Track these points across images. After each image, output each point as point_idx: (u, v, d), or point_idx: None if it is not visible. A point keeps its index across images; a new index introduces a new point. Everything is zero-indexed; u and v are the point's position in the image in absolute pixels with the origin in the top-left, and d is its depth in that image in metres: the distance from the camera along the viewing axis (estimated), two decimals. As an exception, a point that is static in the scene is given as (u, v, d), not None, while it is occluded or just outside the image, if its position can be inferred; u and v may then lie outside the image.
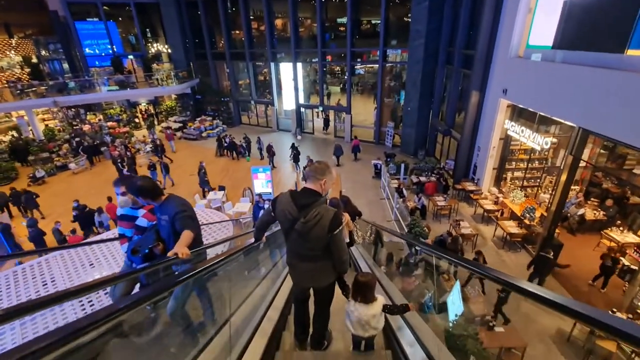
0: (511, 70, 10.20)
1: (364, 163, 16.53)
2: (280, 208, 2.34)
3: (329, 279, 2.49)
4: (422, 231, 8.87)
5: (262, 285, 3.62)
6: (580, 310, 1.05)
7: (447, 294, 4.42)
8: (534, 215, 9.57)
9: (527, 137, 9.42)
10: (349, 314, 2.54)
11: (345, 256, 2.37)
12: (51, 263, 5.82)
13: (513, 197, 10.70)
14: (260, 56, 22.18)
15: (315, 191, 2.27)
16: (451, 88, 14.46)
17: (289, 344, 2.97)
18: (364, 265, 5.19)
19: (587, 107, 7.11)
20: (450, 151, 14.97)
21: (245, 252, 3.02)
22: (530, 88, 9.22)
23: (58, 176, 16.23)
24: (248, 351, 2.37)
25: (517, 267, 9.03)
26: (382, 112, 19.07)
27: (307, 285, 2.63)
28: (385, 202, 12.67)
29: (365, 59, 19.76)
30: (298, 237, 2.29)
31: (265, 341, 2.59)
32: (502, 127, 11.18)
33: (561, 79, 7.92)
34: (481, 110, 12.00)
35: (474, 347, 4.62)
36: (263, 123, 23.83)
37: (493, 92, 11.15)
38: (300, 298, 2.76)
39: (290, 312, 3.48)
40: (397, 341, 2.64)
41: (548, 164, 11.55)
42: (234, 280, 3.02)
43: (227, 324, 2.24)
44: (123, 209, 3.11)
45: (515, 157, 11.86)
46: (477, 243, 9.80)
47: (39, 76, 20.60)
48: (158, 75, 22.39)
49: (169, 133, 19.35)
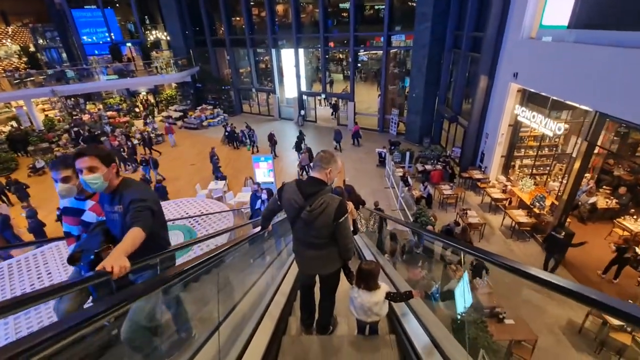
0: (523, 52, 9.74)
1: (367, 151, 16.20)
2: (287, 197, 2.36)
3: (334, 266, 2.54)
4: (429, 220, 8.62)
5: (268, 272, 3.64)
6: (597, 298, 1.01)
7: (453, 282, 4.15)
8: (544, 203, 9.28)
9: (539, 123, 9.05)
10: (352, 299, 2.61)
11: (350, 244, 2.41)
12: (47, 255, 5.65)
13: (522, 186, 10.39)
14: (261, 42, 21.64)
15: (320, 180, 2.29)
16: (458, 73, 13.97)
17: (295, 328, 3.04)
18: (367, 253, 5.18)
19: (606, 90, 6.72)
20: (457, 139, 14.59)
21: (250, 241, 3.02)
22: (543, 71, 8.79)
23: (58, 167, 16.05)
24: (256, 336, 2.39)
25: (526, 257, 8.80)
26: (386, 99, 18.61)
27: (313, 272, 2.68)
28: (390, 191, 12.41)
29: (369, 45, 19.18)
30: (304, 225, 2.33)
31: (272, 326, 2.64)
32: (511, 113, 10.78)
33: (577, 60, 7.51)
34: (490, 95, 11.58)
35: (483, 340, 4.42)
36: (265, 112, 23.44)
37: (503, 77, 10.71)
38: (306, 285, 2.81)
39: (295, 299, 3.53)
40: (401, 326, 2.69)
41: (558, 151, 11.19)
42: (240, 268, 3.08)
43: (232, 313, 2.28)
44: (66, 200, 2.41)
45: (525, 144, 11.50)
46: (485, 232, 9.56)
47: (37, 65, 20.25)
48: (157, 63, 21.94)
49: (168, 126, 18.42)
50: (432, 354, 2.22)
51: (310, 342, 2.72)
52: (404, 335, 2.59)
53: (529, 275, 1.34)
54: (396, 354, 2.56)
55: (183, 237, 6.01)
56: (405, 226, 6.63)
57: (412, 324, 2.64)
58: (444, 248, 4.55)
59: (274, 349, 2.52)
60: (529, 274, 1.34)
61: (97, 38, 23.10)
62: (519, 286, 6.12)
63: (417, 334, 2.49)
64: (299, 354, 2.61)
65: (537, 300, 6.42)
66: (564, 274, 7.99)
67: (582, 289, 1.08)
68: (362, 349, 2.64)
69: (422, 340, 2.38)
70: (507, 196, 10.58)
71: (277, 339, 2.64)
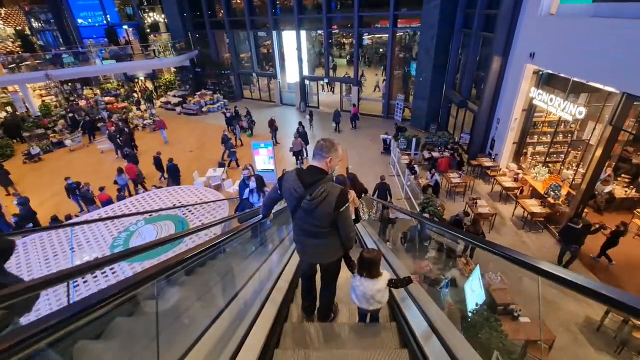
0: (541, 31, 9.04)
1: (372, 138, 15.62)
2: (287, 186, 2.31)
3: (336, 255, 2.52)
4: (437, 210, 8.16)
5: (271, 259, 3.65)
6: (617, 297, 0.93)
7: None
8: (560, 193, 8.76)
9: (557, 106, 8.43)
10: (354, 288, 2.60)
11: (352, 233, 2.38)
12: (29, 247, 5.28)
13: (536, 174, 9.85)
14: (262, 26, 20.79)
15: (321, 169, 2.24)
16: (469, 55, 13.21)
17: (297, 316, 3.06)
18: (369, 242, 5.09)
19: (635, 70, 6.10)
20: (465, 125, 13.96)
21: (253, 228, 3.02)
22: (564, 50, 8.13)
23: (55, 153, 15.69)
24: (257, 324, 2.36)
25: (539, 250, 8.35)
26: (391, 84, 17.88)
27: (314, 261, 2.67)
28: (395, 180, 11.91)
29: (374, 27, 18.31)
30: (305, 214, 2.29)
31: (274, 314, 2.62)
32: (526, 96, 10.14)
33: (603, 37, 6.85)
34: (503, 78, 10.91)
35: (498, 341, 4.02)
36: (266, 97, 22.79)
37: (518, 57, 10.02)
38: (307, 274, 2.80)
39: (297, 286, 3.54)
40: (401, 313, 2.70)
41: (573, 138, 10.57)
42: (243, 255, 3.10)
43: (236, 299, 2.26)
44: None
45: (538, 130, 10.87)
46: (495, 223, 9.09)
47: (31, 49, 19.61)
48: (155, 46, 21.22)
49: (159, 121, 15.78)
50: (430, 338, 2.22)
51: (312, 330, 2.69)
52: (404, 322, 2.58)
53: (544, 272, 1.24)
54: (397, 340, 2.56)
55: (174, 228, 5.61)
56: (411, 217, 6.19)
57: (412, 310, 2.63)
58: (453, 240, 4.32)
59: (275, 335, 2.50)
60: (545, 272, 1.24)
61: (93, 20, 22.36)
62: (531, 281, 5.73)
63: (417, 320, 2.48)
64: (300, 341, 2.58)
65: (552, 295, 5.98)
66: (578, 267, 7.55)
67: (602, 288, 0.98)
68: (363, 336, 2.65)
69: (422, 326, 2.37)
70: (519, 185, 10.06)
71: (279, 326, 2.63)
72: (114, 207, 6.38)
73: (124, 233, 5.48)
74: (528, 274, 1.31)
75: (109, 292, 1.04)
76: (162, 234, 5.46)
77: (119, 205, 6.37)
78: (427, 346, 2.17)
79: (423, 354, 2.16)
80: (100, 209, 6.60)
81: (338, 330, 2.71)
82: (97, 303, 0.97)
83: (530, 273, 1.34)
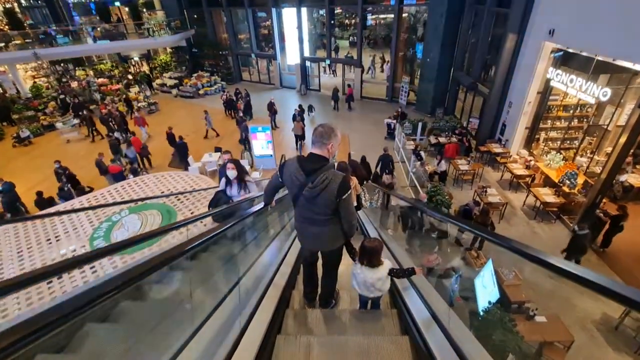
0: (563, 3, 8.28)
1: (375, 122, 14.96)
2: (288, 174, 2.29)
3: (337, 242, 2.51)
4: (445, 200, 7.66)
5: (274, 244, 3.62)
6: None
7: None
8: (576, 181, 8.23)
9: (578, 88, 7.79)
10: (355, 275, 2.61)
11: (353, 220, 2.38)
12: (1, 238, 4.83)
13: (549, 161, 9.29)
14: (261, 5, 19.74)
15: (322, 156, 2.21)
16: (480, 33, 12.39)
17: (298, 302, 3.04)
18: (371, 229, 4.95)
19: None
20: (474, 109, 13.29)
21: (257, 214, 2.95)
22: (588, 25, 7.42)
23: (45, 136, 15.11)
24: (259, 309, 2.35)
25: (551, 240, 7.90)
26: (396, 65, 17.05)
27: (315, 248, 2.66)
28: (400, 166, 11.37)
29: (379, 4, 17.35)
30: (306, 201, 2.28)
31: (277, 299, 2.61)
32: (542, 77, 9.47)
33: (637, 9, 6.16)
34: (516, 57, 10.18)
35: (513, 343, 3.62)
36: (265, 80, 21.96)
37: (535, 34, 9.28)
38: (308, 261, 2.79)
39: (299, 272, 3.50)
40: (402, 300, 2.69)
41: (589, 123, 9.97)
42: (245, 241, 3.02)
43: (238, 286, 2.22)
44: None
45: (553, 114, 10.24)
46: (505, 213, 8.61)
47: (19, 26, 18.68)
48: (148, 24, 20.23)
49: (138, 117, 14.18)
50: (430, 326, 2.21)
51: (313, 316, 2.69)
52: (404, 309, 2.58)
53: (558, 269, 1.12)
54: (397, 326, 2.57)
55: (161, 217, 5.14)
56: (414, 205, 5.72)
57: (413, 298, 2.62)
58: (460, 231, 4.19)
59: (277, 320, 2.49)
60: (559, 268, 1.12)
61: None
62: (544, 277, 5.29)
63: (417, 308, 2.48)
64: (302, 327, 2.59)
65: (566, 292, 5.58)
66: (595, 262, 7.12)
67: (617, 286, 0.91)
68: (364, 322, 2.65)
69: (423, 314, 2.37)
70: (531, 172, 9.52)
71: (281, 311, 2.62)
72: (97, 194, 5.89)
73: (105, 223, 5.01)
74: (543, 269, 1.20)
75: (115, 282, 1.03)
76: (147, 224, 4.99)
77: (101, 193, 5.88)
78: (428, 333, 2.17)
79: (424, 341, 2.14)
80: (82, 197, 6.10)
81: (339, 317, 2.71)
82: (100, 295, 0.96)
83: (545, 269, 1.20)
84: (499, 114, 11.27)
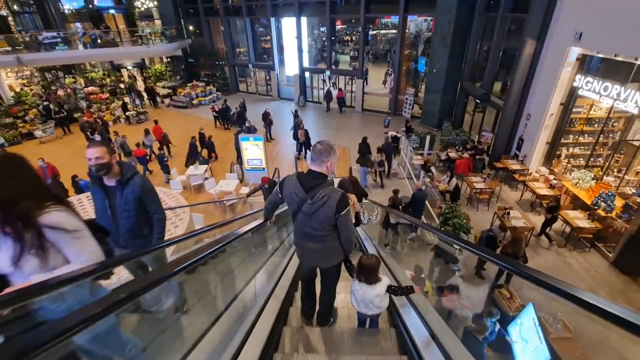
0: (593, 4, 7.39)
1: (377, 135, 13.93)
2: (288, 190, 2.31)
3: (335, 258, 2.50)
4: (464, 224, 6.49)
5: (272, 259, 3.51)
6: None
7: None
8: (613, 204, 7.10)
9: (615, 96, 6.78)
10: (353, 292, 2.59)
11: (352, 236, 2.39)
12: None
13: (578, 180, 8.19)
14: (260, 15, 19.10)
15: (320, 173, 2.24)
16: (492, 41, 11.54)
17: (296, 320, 2.99)
18: (369, 246, 4.90)
19: None
20: (485, 122, 12.31)
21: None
22: (626, 26, 6.47)
23: (23, 145, 14.03)
24: (256, 327, 2.33)
25: (587, 274, 6.69)
26: (400, 77, 16.21)
27: (314, 264, 2.66)
28: (406, 183, 10.26)
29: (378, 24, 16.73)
30: (305, 218, 2.29)
31: (273, 318, 2.58)
32: (566, 86, 8.50)
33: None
34: (535, 65, 9.25)
35: None
36: (263, 91, 21.15)
37: (558, 39, 8.37)
38: (307, 277, 2.79)
39: (297, 290, 3.49)
40: (400, 319, 2.66)
41: (615, 138, 8.96)
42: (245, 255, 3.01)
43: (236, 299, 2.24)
44: None
45: (575, 128, 9.22)
46: (529, 239, 7.43)
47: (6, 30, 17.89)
48: (142, 32, 19.52)
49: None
50: (429, 346, 2.17)
51: (311, 334, 2.66)
52: (403, 328, 2.56)
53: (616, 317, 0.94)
54: (396, 346, 2.54)
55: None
56: (435, 233, 4.63)
57: (411, 316, 2.60)
58: (481, 262, 3.30)
59: (274, 338, 2.46)
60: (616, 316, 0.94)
61: (78, 4, 20.70)
62: (587, 320, 4.10)
63: (416, 327, 2.45)
64: (299, 345, 2.55)
65: (616, 341, 4.29)
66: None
67: None
68: (362, 342, 2.63)
69: (422, 334, 2.33)
70: (556, 193, 8.39)
71: (278, 329, 2.61)
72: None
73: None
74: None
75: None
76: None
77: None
78: (426, 353, 2.13)
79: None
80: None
81: (337, 336, 2.69)
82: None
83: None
84: (515, 127, 10.26)
